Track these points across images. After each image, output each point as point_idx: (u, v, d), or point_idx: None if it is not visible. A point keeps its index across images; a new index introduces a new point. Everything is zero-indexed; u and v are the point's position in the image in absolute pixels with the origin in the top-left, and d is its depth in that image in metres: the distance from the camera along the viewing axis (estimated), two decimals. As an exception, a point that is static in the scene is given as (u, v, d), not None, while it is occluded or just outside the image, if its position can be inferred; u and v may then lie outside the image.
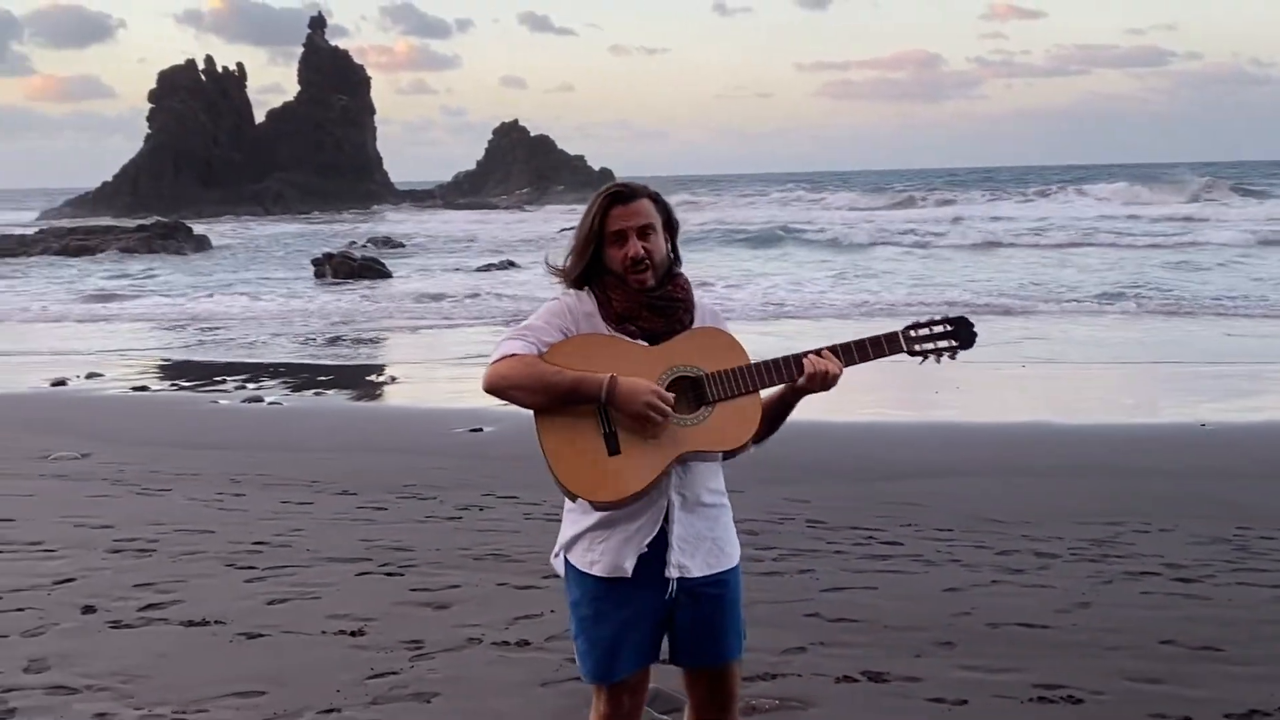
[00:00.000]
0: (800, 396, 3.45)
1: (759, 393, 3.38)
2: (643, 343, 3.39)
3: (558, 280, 3.51)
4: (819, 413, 12.10)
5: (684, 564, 3.39)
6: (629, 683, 3.46)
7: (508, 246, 47.80)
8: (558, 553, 3.51)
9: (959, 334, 3.48)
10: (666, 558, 3.37)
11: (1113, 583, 6.67)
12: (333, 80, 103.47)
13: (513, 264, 37.82)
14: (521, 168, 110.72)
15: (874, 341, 3.42)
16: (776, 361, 3.37)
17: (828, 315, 23.34)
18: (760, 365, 3.36)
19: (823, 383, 3.39)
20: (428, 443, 11.40)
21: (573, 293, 3.47)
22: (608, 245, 3.40)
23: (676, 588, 3.39)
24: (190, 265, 43.80)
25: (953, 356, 3.47)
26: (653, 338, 3.40)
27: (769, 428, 3.49)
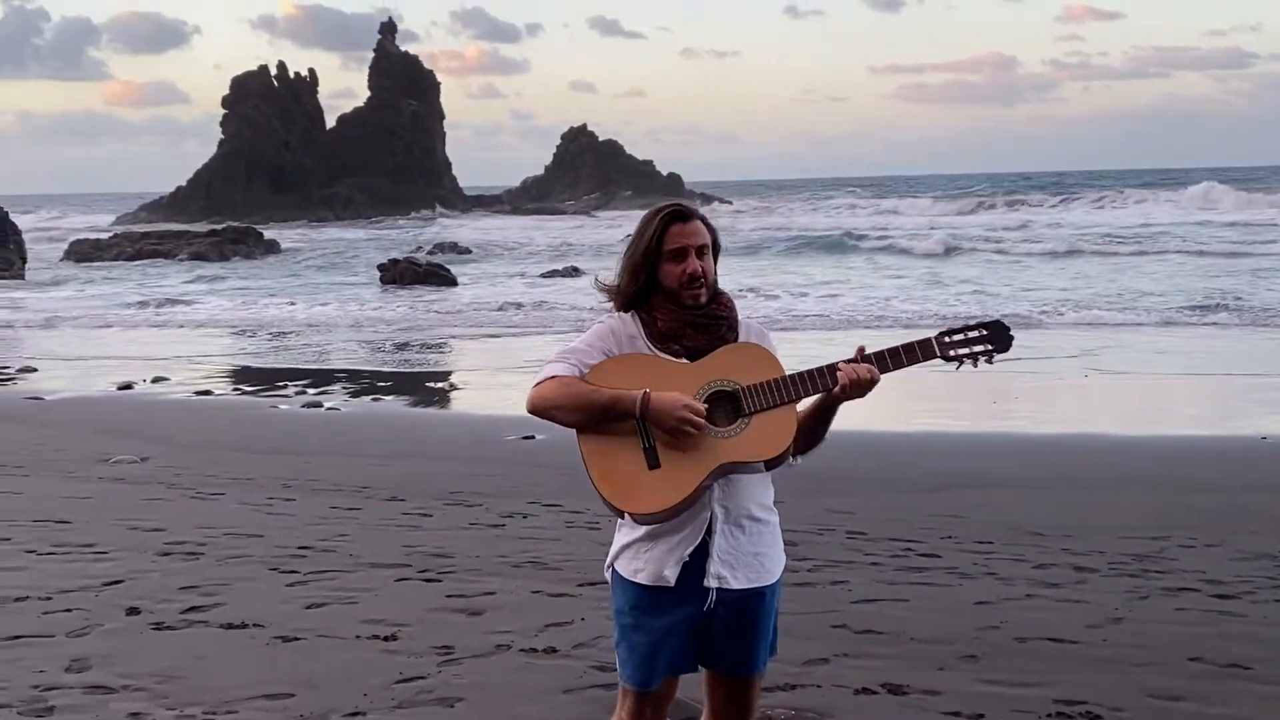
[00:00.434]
0: (838, 404, 3.49)
1: (795, 404, 3.44)
2: (684, 360, 3.47)
3: (607, 300, 3.61)
4: (870, 423, 12.19)
5: (723, 575, 3.47)
6: (655, 693, 3.54)
7: (572, 252, 48.03)
8: (609, 564, 3.60)
9: (994, 338, 3.49)
10: (706, 568, 3.46)
11: (1149, 598, 6.62)
12: (402, 85, 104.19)
13: (577, 270, 37.99)
14: (589, 173, 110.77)
15: (907, 348, 3.44)
16: (811, 372, 3.42)
17: (897, 325, 23.05)
18: (795, 376, 3.41)
19: (858, 390, 3.41)
20: (479, 450, 11.53)
21: (618, 315, 3.57)
22: (665, 262, 3.48)
23: (715, 598, 3.47)
24: (259, 270, 44.50)
25: (990, 360, 3.48)
26: (696, 355, 3.48)
27: (810, 439, 3.54)
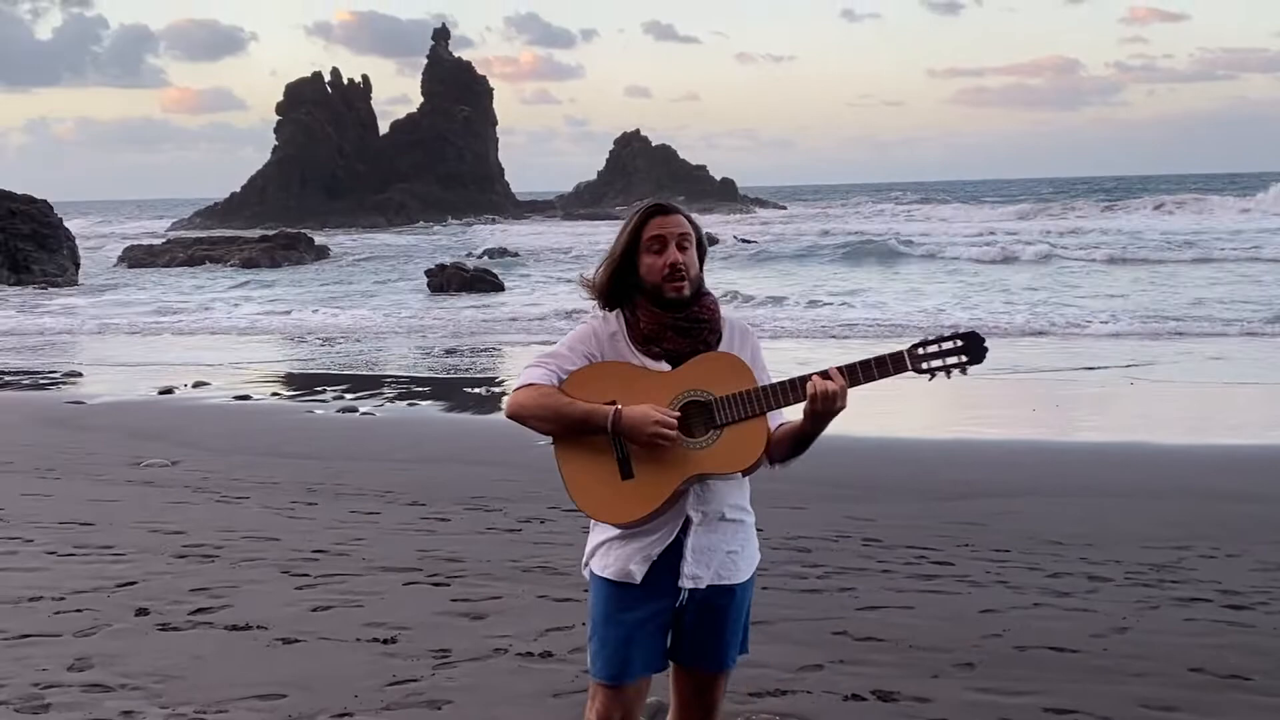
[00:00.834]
0: (819, 421, 3.40)
1: (766, 415, 3.45)
2: (664, 365, 3.48)
3: (589, 295, 3.62)
4: (902, 430, 12.10)
5: (697, 574, 3.50)
6: (626, 695, 3.55)
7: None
8: (585, 562, 3.65)
9: (969, 349, 3.49)
10: (680, 569, 3.48)
11: (1159, 608, 6.55)
12: (455, 91, 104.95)
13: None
14: (642, 178, 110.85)
15: (879, 360, 3.44)
16: (783, 384, 3.43)
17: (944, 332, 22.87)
18: (766, 388, 3.43)
19: (825, 403, 3.35)
20: (505, 455, 11.55)
21: (601, 315, 3.58)
22: (644, 254, 3.48)
23: (688, 597, 3.50)
24: (308, 275, 44.95)
25: (963, 372, 3.49)
26: (677, 359, 3.49)
27: (793, 450, 3.52)
